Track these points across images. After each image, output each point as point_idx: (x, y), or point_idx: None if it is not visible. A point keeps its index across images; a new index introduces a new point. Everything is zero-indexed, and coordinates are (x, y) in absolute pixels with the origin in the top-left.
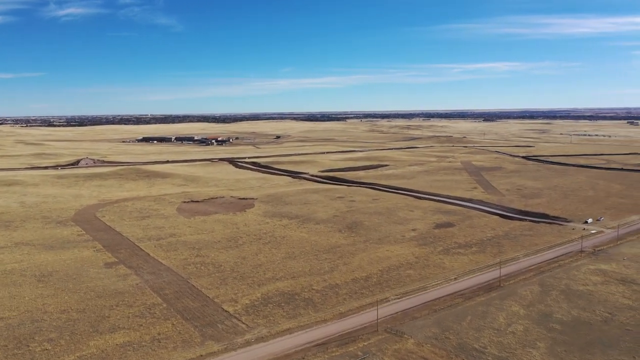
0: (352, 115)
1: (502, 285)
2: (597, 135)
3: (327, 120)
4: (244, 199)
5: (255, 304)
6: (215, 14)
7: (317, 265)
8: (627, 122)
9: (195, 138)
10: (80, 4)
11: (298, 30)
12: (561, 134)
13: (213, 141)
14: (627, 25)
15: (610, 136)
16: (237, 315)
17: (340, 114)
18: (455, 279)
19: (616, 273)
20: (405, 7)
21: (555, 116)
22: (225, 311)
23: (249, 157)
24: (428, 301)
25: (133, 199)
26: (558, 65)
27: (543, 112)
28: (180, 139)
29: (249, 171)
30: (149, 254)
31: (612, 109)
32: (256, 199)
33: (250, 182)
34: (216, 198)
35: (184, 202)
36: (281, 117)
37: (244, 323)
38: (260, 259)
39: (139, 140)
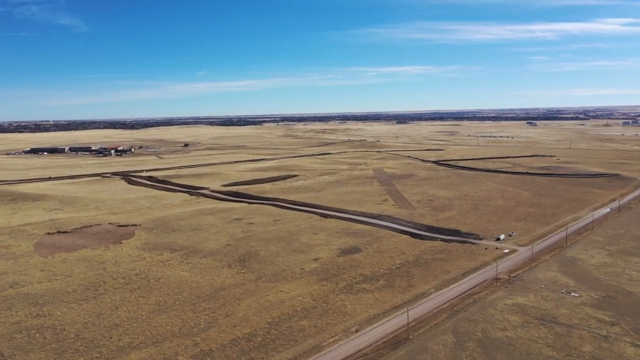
0: (270, 119)
1: (410, 337)
2: (501, 136)
3: (244, 125)
4: (124, 225)
5: None
6: (123, 15)
7: (192, 321)
8: (527, 123)
9: (93, 148)
10: None
11: (213, 32)
12: (469, 135)
13: (112, 151)
14: (523, 33)
15: (513, 137)
16: None
17: (258, 117)
18: (356, 330)
19: (535, 309)
20: (321, 11)
21: (463, 117)
22: None
23: (146, 170)
24: None
25: None
26: (464, 69)
27: (452, 113)
28: (75, 150)
29: (143, 188)
30: None
31: (512, 109)
32: (139, 225)
33: (140, 203)
34: (90, 226)
35: (49, 233)
36: (196, 121)
37: None
38: (120, 316)
39: (26, 152)
